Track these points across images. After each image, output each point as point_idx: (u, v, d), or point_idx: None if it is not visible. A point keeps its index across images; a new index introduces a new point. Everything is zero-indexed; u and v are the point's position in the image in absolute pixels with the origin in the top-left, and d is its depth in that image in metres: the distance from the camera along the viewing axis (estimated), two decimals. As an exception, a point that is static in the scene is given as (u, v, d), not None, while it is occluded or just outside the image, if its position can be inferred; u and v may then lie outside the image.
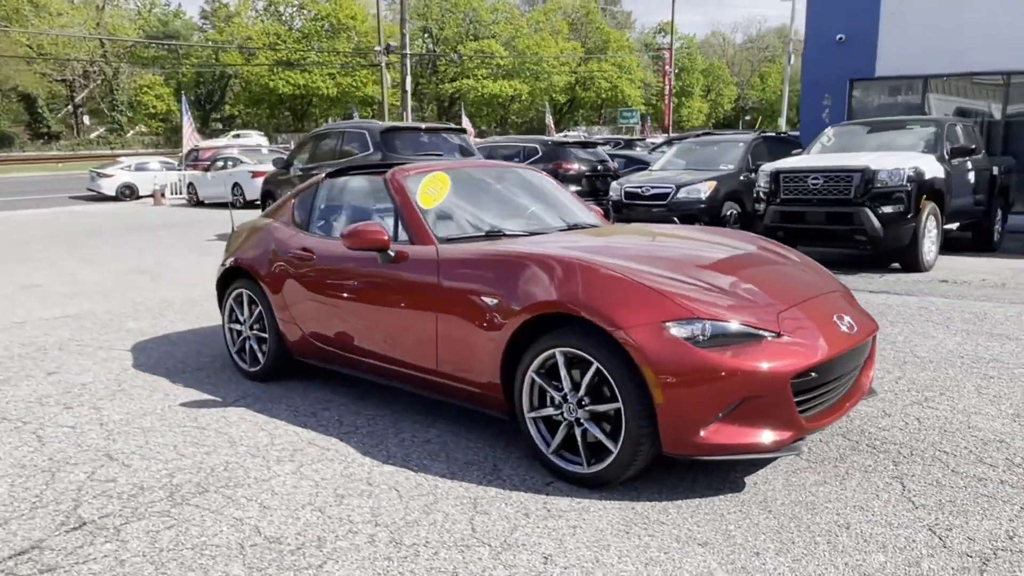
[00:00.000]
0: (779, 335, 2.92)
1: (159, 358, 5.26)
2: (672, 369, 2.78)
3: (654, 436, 2.89)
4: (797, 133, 14.72)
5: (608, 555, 2.59)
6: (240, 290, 4.71)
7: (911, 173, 8.16)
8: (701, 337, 2.83)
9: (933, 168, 8.47)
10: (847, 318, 3.27)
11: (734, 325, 2.88)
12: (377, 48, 27.91)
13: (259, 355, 4.65)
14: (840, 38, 13.61)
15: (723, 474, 3.20)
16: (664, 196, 10.97)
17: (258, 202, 19.27)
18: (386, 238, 3.71)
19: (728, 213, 11.15)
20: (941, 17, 12.53)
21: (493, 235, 3.87)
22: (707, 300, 2.98)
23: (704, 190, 10.89)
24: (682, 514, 2.86)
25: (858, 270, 8.59)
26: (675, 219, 10.61)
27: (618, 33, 71.35)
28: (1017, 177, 11.26)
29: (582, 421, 3.05)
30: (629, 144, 23.11)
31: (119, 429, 3.91)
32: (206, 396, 4.43)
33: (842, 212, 8.35)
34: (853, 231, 8.34)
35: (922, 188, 8.22)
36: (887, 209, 8.16)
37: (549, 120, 29.67)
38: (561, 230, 4.12)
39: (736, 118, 79.88)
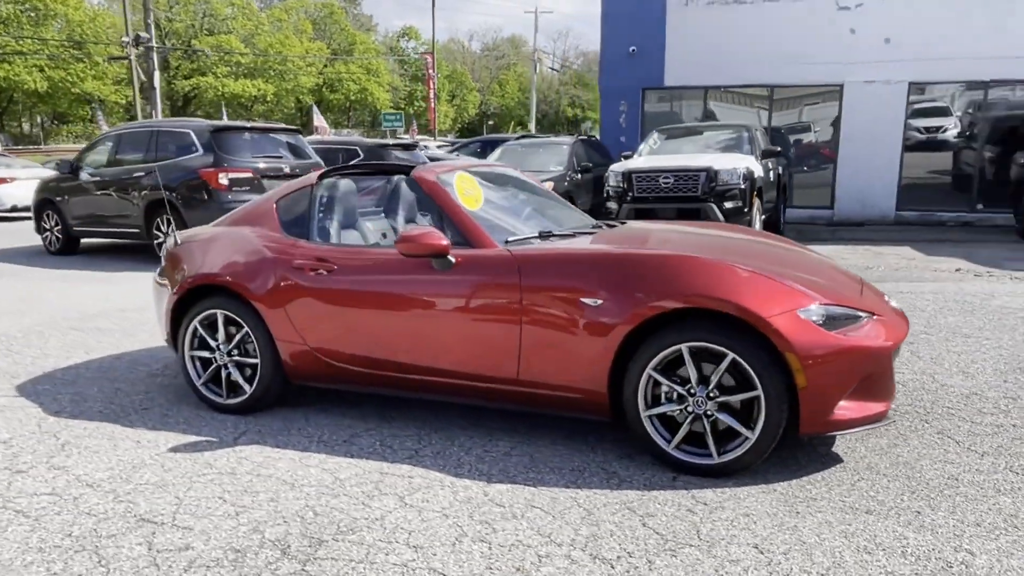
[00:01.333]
0: (872, 315, 3.23)
1: (74, 401, 4.35)
2: (813, 353, 2.96)
3: (789, 420, 3.04)
4: (595, 135, 15.80)
5: (804, 534, 2.69)
6: (212, 311, 4.06)
7: (744, 172, 9.22)
8: (826, 321, 3.04)
9: (756, 167, 9.63)
10: (890, 299, 3.69)
11: (843, 309, 3.13)
12: (125, 39, 24.92)
13: (242, 384, 4.06)
14: (632, 50, 14.84)
15: (809, 450, 3.44)
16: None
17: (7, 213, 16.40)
18: (446, 243, 3.45)
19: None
20: (716, 35, 14.19)
21: (545, 236, 3.78)
22: (814, 288, 3.20)
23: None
24: (823, 488, 3.05)
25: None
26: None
27: (364, 35, 70.69)
28: (788, 175, 13.17)
29: (711, 412, 3.11)
30: (409, 147, 23.14)
31: (121, 488, 3.21)
32: (196, 438, 3.78)
33: (691, 208, 9.18)
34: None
35: (752, 185, 9.32)
36: (728, 204, 9.13)
37: (320, 121, 28.50)
38: (595, 228, 4.13)
39: (480, 123, 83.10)
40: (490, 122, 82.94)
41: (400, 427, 3.85)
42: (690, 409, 3.14)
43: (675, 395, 3.18)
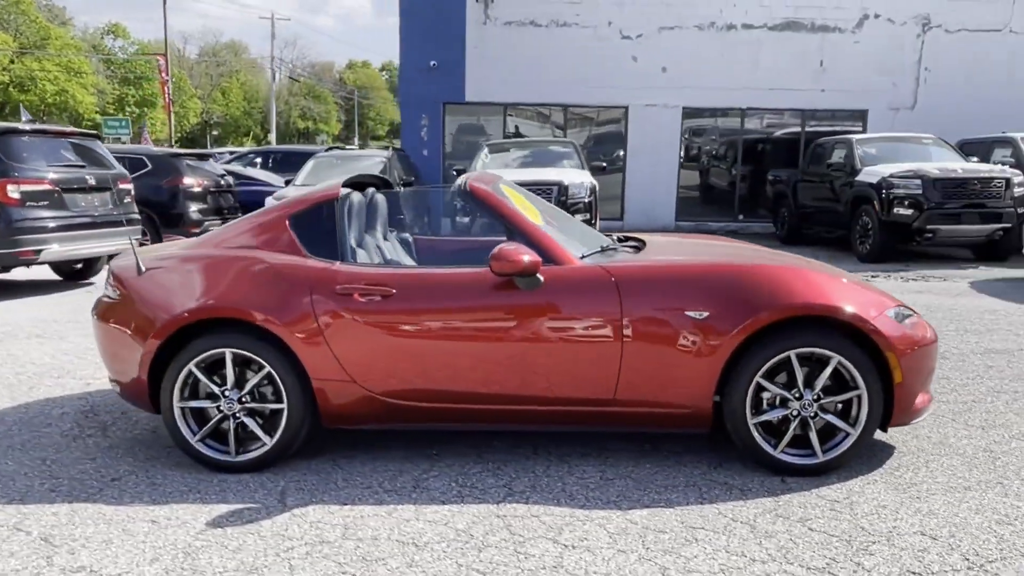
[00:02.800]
0: (914, 313, 3.62)
1: (14, 478, 3.35)
2: (906, 350, 3.25)
3: (882, 414, 3.30)
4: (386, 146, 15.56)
5: (945, 515, 2.94)
6: (217, 351, 3.35)
7: (590, 186, 9.71)
8: (903, 320, 3.36)
9: (593, 181, 10.19)
10: None
11: (905, 309, 3.48)
12: None
13: (260, 434, 3.41)
14: (433, 64, 14.87)
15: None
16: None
17: None
18: (539, 260, 3.24)
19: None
20: (514, 54, 14.76)
21: (608, 249, 3.68)
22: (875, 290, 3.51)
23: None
24: (913, 474, 3.35)
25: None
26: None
27: (60, 30, 62.16)
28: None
29: (816, 413, 3.27)
30: (204, 157, 20.87)
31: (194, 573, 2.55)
32: (229, 506, 3.10)
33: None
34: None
35: (596, 198, 9.85)
36: (579, 217, 9.53)
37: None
38: (620, 243, 4.10)
39: (203, 132, 77.22)
40: (214, 132, 77.41)
41: (456, 462, 3.51)
42: (796, 412, 3.27)
43: (777, 400, 3.29)
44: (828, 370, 3.24)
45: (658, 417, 3.35)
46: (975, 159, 11.14)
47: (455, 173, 11.54)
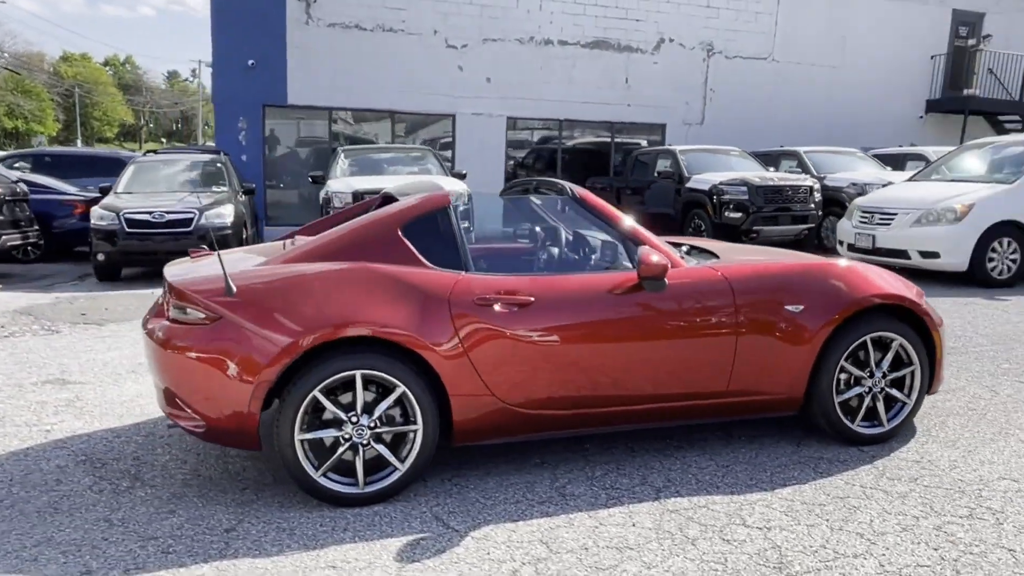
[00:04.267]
0: (915, 300, 4.31)
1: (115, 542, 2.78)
2: (941, 329, 3.89)
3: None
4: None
5: (1008, 455, 3.59)
6: (346, 374, 3.06)
7: (468, 193, 9.82)
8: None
9: (468, 188, 10.30)
10: None
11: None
12: None
13: (392, 461, 3.17)
14: (251, 64, 13.96)
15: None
16: (187, 222, 9.64)
17: None
18: (668, 264, 3.40)
19: (246, 236, 10.58)
20: (340, 57, 14.34)
21: (695, 250, 3.92)
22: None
23: (227, 214, 10.06)
24: (951, 429, 3.99)
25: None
26: (204, 246, 9.51)
27: None
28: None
29: (883, 389, 3.79)
30: None
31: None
32: (405, 538, 2.88)
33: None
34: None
35: (472, 205, 9.97)
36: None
37: None
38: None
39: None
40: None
41: (572, 467, 3.54)
42: (868, 389, 3.77)
43: (852, 380, 3.76)
44: (891, 351, 3.77)
45: (758, 404, 3.67)
46: (772, 168, 12.93)
47: (312, 180, 11.01)
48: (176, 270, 3.52)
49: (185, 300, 3.18)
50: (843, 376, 3.74)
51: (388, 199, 4.48)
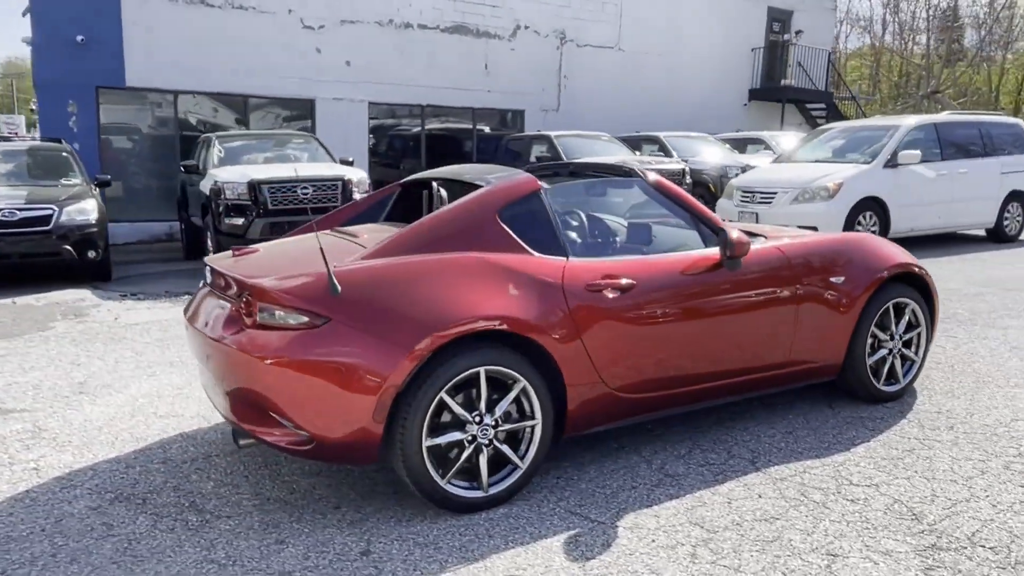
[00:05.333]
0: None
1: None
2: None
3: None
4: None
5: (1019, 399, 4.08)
6: (471, 371, 2.85)
7: (368, 181, 9.43)
8: None
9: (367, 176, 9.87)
10: None
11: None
12: None
13: (514, 460, 3.02)
14: (81, 40, 12.41)
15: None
16: (45, 220, 8.43)
17: None
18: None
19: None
20: (186, 35, 13.12)
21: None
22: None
23: (90, 209, 8.93)
24: (941, 383, 4.45)
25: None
26: (67, 247, 8.41)
27: None
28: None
29: (900, 350, 4.16)
30: None
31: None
32: (561, 536, 2.76)
33: (333, 218, 8.89)
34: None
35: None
36: (364, 213, 9.20)
37: None
38: None
39: None
40: None
41: (656, 449, 3.58)
42: (890, 351, 4.12)
43: (877, 343, 4.10)
44: (906, 315, 4.14)
45: (808, 372, 3.89)
46: (638, 153, 13.56)
47: (184, 170, 10.03)
48: (245, 268, 3.11)
49: (276, 302, 2.80)
50: (871, 341, 4.06)
51: (408, 188, 4.22)
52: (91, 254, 8.57)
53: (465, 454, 2.92)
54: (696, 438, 3.71)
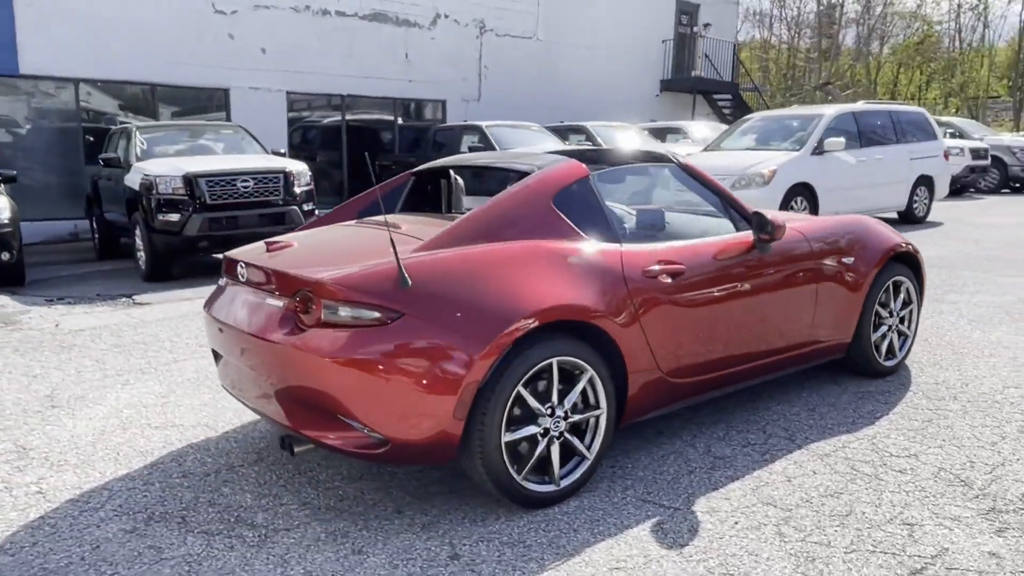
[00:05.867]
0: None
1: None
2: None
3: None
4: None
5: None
6: (545, 362, 2.77)
7: (308, 172, 9.07)
8: None
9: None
10: None
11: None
12: None
13: (582, 451, 2.96)
14: (-34, 22, 11.33)
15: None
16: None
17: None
18: (782, 226, 3.58)
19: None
20: (87, 19, 12.21)
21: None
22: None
23: (4, 207, 8.22)
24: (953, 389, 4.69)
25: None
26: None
27: None
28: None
29: (896, 326, 4.35)
30: None
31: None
32: (644, 523, 2.72)
33: (276, 212, 8.51)
34: (285, 230, 8.61)
35: (313, 185, 9.22)
36: (306, 207, 8.85)
37: None
38: None
39: None
40: None
41: (696, 432, 3.61)
42: (890, 327, 4.30)
43: (878, 321, 4.27)
44: (903, 291, 4.34)
45: (825, 350, 4.01)
46: (567, 143, 13.65)
47: (103, 163, 9.32)
48: (291, 262, 2.91)
49: (344, 298, 2.63)
50: (874, 319, 4.23)
51: (422, 177, 4.06)
52: (5, 256, 7.86)
53: (540, 448, 2.84)
54: (728, 420, 3.76)
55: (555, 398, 2.86)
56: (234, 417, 3.94)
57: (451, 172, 3.82)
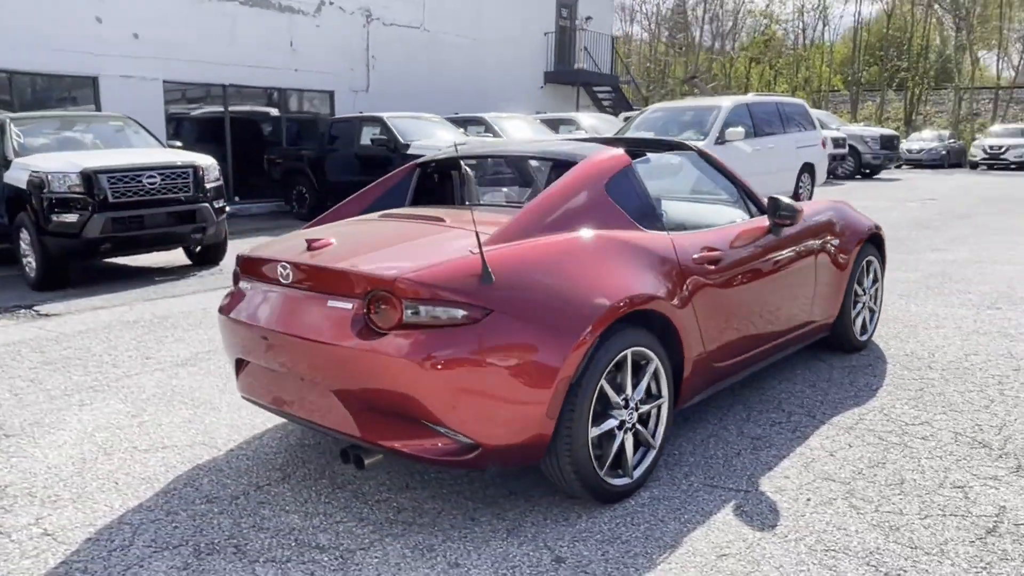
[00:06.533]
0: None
1: None
2: (882, 251, 4.88)
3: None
4: None
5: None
6: (621, 353, 2.71)
7: (217, 167, 8.47)
8: None
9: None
10: None
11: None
12: None
13: (651, 441, 2.94)
14: None
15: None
16: None
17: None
18: (798, 211, 3.70)
19: None
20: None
21: None
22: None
23: None
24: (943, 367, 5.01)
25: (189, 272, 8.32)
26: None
27: None
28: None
29: (868, 303, 4.63)
30: None
31: None
32: (744, 516, 2.73)
33: (185, 210, 7.88)
34: (195, 229, 8.01)
35: (223, 180, 8.61)
36: (219, 203, 8.26)
37: None
38: None
39: None
40: None
41: (718, 414, 3.67)
42: (863, 304, 4.56)
43: (855, 298, 4.52)
44: (871, 272, 4.61)
45: (817, 328, 4.19)
46: (461, 131, 13.52)
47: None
48: (346, 260, 2.67)
49: (428, 298, 2.45)
50: (858, 291, 4.47)
51: (427, 167, 3.88)
52: None
53: (618, 441, 2.78)
54: (743, 401, 3.85)
55: (629, 390, 2.81)
56: (232, 433, 3.61)
57: (462, 164, 3.67)
